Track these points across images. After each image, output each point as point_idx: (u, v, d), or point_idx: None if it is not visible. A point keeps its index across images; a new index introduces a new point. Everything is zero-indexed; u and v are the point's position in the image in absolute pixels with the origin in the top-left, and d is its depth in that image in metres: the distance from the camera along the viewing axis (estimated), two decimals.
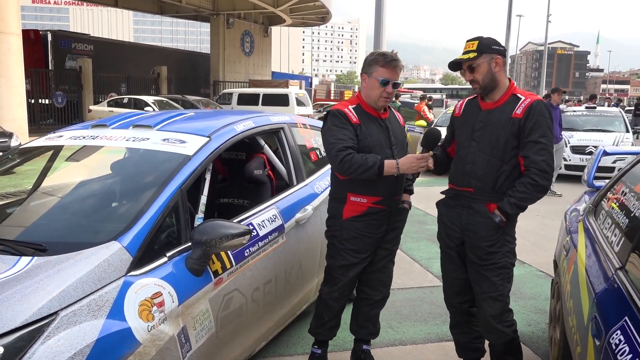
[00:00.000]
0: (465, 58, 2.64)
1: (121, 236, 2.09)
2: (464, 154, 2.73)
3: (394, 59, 2.83)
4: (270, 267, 2.85)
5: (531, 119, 2.57)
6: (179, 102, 19.77)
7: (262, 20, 34.13)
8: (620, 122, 11.92)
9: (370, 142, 2.81)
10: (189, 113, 3.25)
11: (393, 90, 2.83)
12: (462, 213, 2.73)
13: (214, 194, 3.40)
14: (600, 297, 2.01)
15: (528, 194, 2.56)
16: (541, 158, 2.54)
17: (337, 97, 36.51)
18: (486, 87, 2.65)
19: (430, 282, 4.77)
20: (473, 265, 2.73)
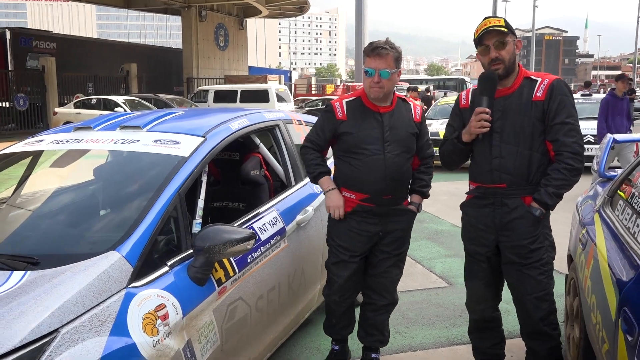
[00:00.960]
0: (502, 29, 2.56)
1: (120, 245, 2.06)
2: (487, 147, 2.66)
3: (377, 47, 2.84)
4: (273, 274, 2.84)
5: (555, 99, 2.54)
6: (151, 101, 19.61)
7: (236, 12, 34.02)
8: None
9: (358, 137, 2.88)
10: (178, 112, 3.22)
11: (382, 79, 2.81)
12: (496, 212, 2.67)
13: (206, 198, 3.37)
14: (629, 291, 2.04)
15: (565, 180, 2.53)
16: (572, 140, 2.53)
17: (319, 92, 36.54)
18: (508, 69, 2.61)
19: (434, 283, 4.80)
20: (514, 266, 2.67)
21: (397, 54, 2.87)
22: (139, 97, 20.25)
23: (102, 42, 35.20)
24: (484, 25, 2.62)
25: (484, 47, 2.62)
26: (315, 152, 3.03)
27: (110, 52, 29.87)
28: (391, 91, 2.92)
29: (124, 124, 2.87)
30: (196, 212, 2.49)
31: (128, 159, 2.76)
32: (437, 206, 7.62)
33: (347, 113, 2.94)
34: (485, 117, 2.59)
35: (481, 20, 2.69)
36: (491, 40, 2.59)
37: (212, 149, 2.67)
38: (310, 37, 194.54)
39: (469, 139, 2.68)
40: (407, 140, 2.94)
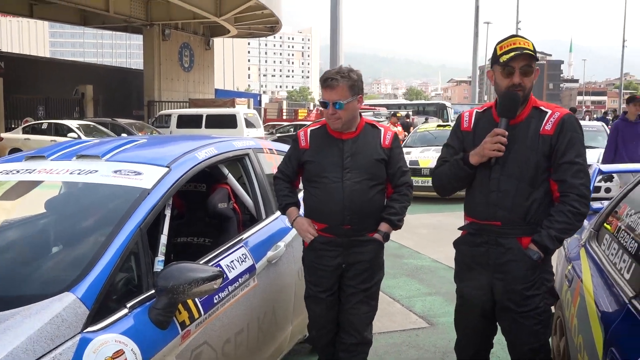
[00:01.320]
0: (532, 53, 2.50)
1: (75, 286, 2.04)
2: (486, 179, 2.60)
3: (327, 78, 2.96)
4: (241, 315, 2.83)
5: (565, 135, 2.50)
6: (108, 126, 19.45)
7: (203, 31, 34.25)
8: (603, 137, 12.46)
9: (318, 165, 3.03)
10: (140, 140, 3.23)
11: (337, 110, 2.92)
12: (490, 252, 2.60)
13: (169, 233, 3.37)
14: (616, 330, 2.10)
15: (569, 223, 2.49)
16: (580, 181, 2.48)
17: (291, 117, 36.78)
18: (526, 97, 2.57)
19: (414, 323, 4.82)
20: (508, 312, 2.61)
21: (351, 81, 2.94)
22: (94, 121, 20.06)
23: (55, 61, 35.02)
24: (513, 44, 2.54)
25: (509, 69, 2.54)
26: (285, 182, 3.19)
27: (63, 73, 29.68)
28: (352, 118, 3.01)
29: (80, 153, 2.87)
30: (159, 248, 2.49)
31: (85, 191, 2.75)
32: (417, 240, 7.69)
33: (310, 141, 3.10)
34: (503, 140, 2.51)
35: (507, 37, 2.62)
36: (519, 64, 2.52)
37: (177, 180, 2.68)
38: (282, 58, 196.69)
39: (478, 161, 2.59)
40: (371, 167, 3.00)
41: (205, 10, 27.77)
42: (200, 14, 28.08)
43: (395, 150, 3.07)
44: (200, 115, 21.59)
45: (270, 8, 29.09)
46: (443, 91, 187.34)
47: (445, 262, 6.52)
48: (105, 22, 30.88)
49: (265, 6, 28.43)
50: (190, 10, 27.37)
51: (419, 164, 11.39)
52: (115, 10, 27.11)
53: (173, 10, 28.64)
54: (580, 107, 64.92)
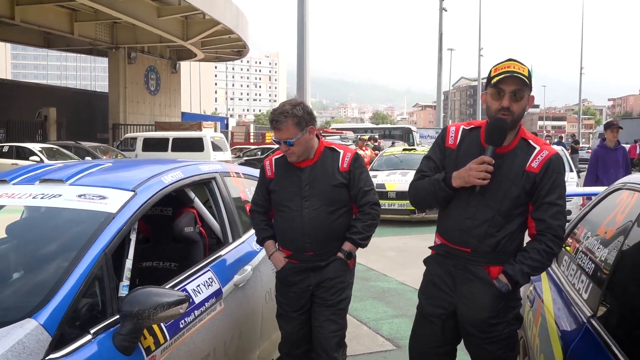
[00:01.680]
0: (524, 80, 2.46)
1: (37, 312, 2.01)
2: (463, 205, 2.56)
3: (272, 119, 3.06)
4: (208, 340, 2.81)
5: (550, 176, 2.48)
6: (72, 149, 19.18)
7: (169, 55, 34.21)
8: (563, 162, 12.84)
9: (280, 194, 3.14)
10: (105, 164, 3.21)
11: (289, 147, 3.02)
12: (457, 276, 2.59)
13: (134, 257, 3.34)
14: (575, 349, 2.16)
15: (542, 262, 2.49)
16: (558, 223, 2.48)
17: (258, 140, 36.78)
18: (515, 122, 2.52)
19: (381, 346, 4.84)
20: (472, 338, 2.61)
21: (295, 118, 2.99)
22: (57, 144, 19.75)
23: (16, 83, 34.41)
24: (507, 67, 2.49)
25: (498, 91, 2.49)
26: (260, 215, 3.27)
27: (26, 95, 29.21)
28: (306, 149, 3.08)
29: (44, 177, 2.83)
30: (123, 273, 2.46)
31: (48, 216, 2.71)
32: (384, 263, 7.73)
33: (274, 170, 3.20)
34: (489, 169, 2.45)
35: (503, 60, 2.56)
36: (509, 87, 2.47)
37: (142, 204, 2.67)
38: (249, 82, 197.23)
39: (461, 185, 2.52)
40: (329, 193, 3.06)
41: (172, 34, 27.78)
42: (166, 37, 28.07)
43: (355, 172, 3.10)
44: (166, 139, 21.44)
45: (237, 33, 29.27)
46: (409, 115, 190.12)
47: (412, 285, 6.56)
48: (69, 45, 30.59)
49: (232, 31, 28.59)
50: (156, 33, 27.35)
51: (385, 187, 11.48)
52: (80, 33, 26.90)
53: (139, 33, 28.56)
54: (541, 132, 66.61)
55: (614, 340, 1.92)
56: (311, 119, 3.08)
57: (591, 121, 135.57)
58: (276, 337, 3.66)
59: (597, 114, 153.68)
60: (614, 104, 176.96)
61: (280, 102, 3.14)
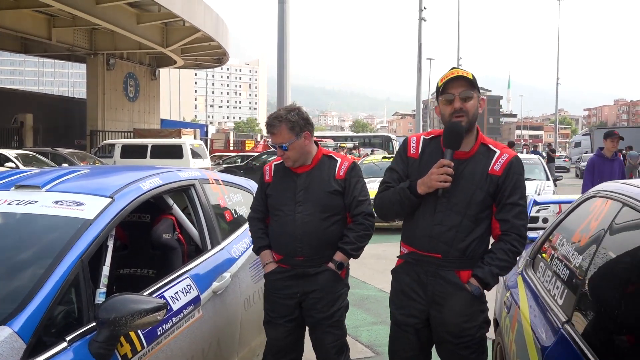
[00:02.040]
0: (471, 79, 2.57)
1: (12, 319, 1.98)
2: (430, 211, 2.61)
3: (267, 123, 3.11)
4: (185, 347, 2.79)
5: (511, 178, 2.57)
6: (48, 156, 18.90)
7: (149, 61, 34.03)
8: (540, 170, 13.03)
9: (275, 198, 3.17)
10: (83, 170, 3.18)
11: (285, 152, 3.06)
12: (429, 283, 2.62)
13: (111, 264, 3.31)
14: (550, 354, 2.19)
15: (509, 262, 2.57)
16: (521, 222, 2.58)
17: (238, 148, 36.68)
18: (471, 124, 2.60)
19: (361, 352, 4.84)
20: (446, 344, 2.64)
21: (289, 123, 3.04)
22: (34, 151, 19.45)
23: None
24: (451, 74, 2.61)
25: (448, 96, 2.58)
26: (258, 222, 3.27)
27: (1, 101, 28.79)
28: (302, 155, 3.10)
29: (20, 183, 2.80)
30: (100, 280, 2.44)
31: (23, 222, 2.68)
32: (363, 270, 7.75)
33: (273, 175, 3.22)
34: (449, 171, 2.52)
35: (447, 70, 2.69)
36: (457, 90, 2.57)
37: (120, 211, 2.65)
38: (229, 89, 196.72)
39: (425, 191, 2.57)
40: (323, 200, 3.07)
41: (151, 41, 27.64)
42: (146, 44, 27.94)
43: (351, 180, 3.12)
44: (145, 146, 21.30)
45: (217, 40, 29.23)
46: (388, 124, 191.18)
47: None
48: (47, 50, 30.30)
49: (213, 38, 28.55)
50: (135, 40, 27.19)
51: None
52: (58, 39, 26.64)
53: (118, 39, 28.37)
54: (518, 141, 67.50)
55: (587, 345, 1.96)
56: (306, 125, 3.10)
57: (567, 131, 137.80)
58: (255, 344, 3.66)
59: (573, 124, 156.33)
60: (589, 113, 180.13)
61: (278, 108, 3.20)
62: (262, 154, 22.00)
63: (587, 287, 2.20)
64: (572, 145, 53.75)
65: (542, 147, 52.73)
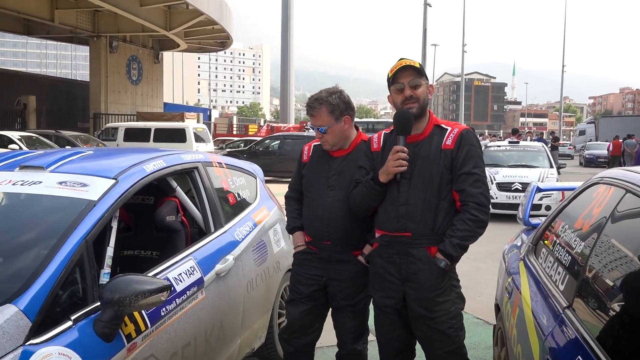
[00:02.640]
0: (418, 67, 2.74)
1: (17, 298, 2.00)
2: (395, 194, 2.76)
3: (307, 105, 3.10)
4: (189, 328, 2.82)
5: (462, 149, 2.71)
6: (51, 138, 18.93)
7: (152, 44, 33.87)
8: (543, 157, 13.01)
9: (308, 179, 3.18)
10: (87, 152, 3.19)
11: (324, 135, 3.04)
12: (401, 262, 2.75)
13: (115, 246, 3.33)
14: (551, 339, 2.21)
15: (470, 231, 2.66)
16: (478, 190, 2.68)
17: (241, 132, 36.65)
18: (422, 110, 2.77)
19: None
20: (421, 319, 2.76)
21: (330, 106, 3.02)
22: (37, 133, 19.47)
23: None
24: (399, 64, 2.78)
25: (399, 85, 2.76)
26: (294, 201, 3.29)
27: (4, 83, 28.75)
28: (341, 139, 3.07)
29: (24, 164, 2.81)
30: (104, 261, 2.46)
31: (27, 203, 2.69)
32: None
33: (310, 155, 3.22)
34: (403, 156, 2.70)
35: (396, 61, 2.85)
36: (406, 79, 2.75)
37: (124, 193, 2.67)
38: (233, 73, 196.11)
39: (386, 179, 2.75)
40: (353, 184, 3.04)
41: (155, 24, 27.50)
42: (149, 27, 27.78)
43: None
44: (148, 129, 21.30)
45: (221, 24, 29.06)
46: (392, 110, 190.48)
47: None
48: (50, 32, 30.15)
49: (216, 21, 28.38)
50: (139, 23, 27.03)
51: None
52: (61, 20, 26.49)
53: (121, 22, 28.22)
54: (522, 128, 67.36)
55: (588, 330, 1.97)
56: (347, 109, 3.07)
57: (572, 119, 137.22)
58: (257, 326, 3.69)
59: (577, 112, 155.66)
60: (594, 102, 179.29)
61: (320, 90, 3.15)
62: (265, 139, 21.95)
63: (589, 273, 2.22)
64: (577, 134, 53.62)
65: (546, 135, 52.55)
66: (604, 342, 1.84)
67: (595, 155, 33.06)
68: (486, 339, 4.82)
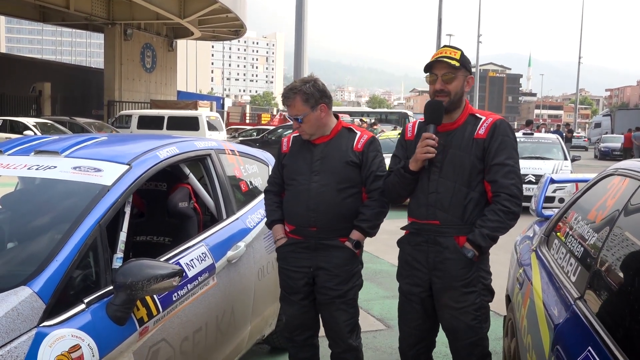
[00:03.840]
0: (453, 63, 2.70)
1: (31, 280, 2.04)
2: (425, 182, 2.75)
3: (282, 95, 3.05)
4: (200, 313, 2.84)
5: (496, 139, 2.68)
6: (66, 125, 19.11)
7: (166, 32, 33.91)
8: (558, 149, 12.90)
9: (290, 168, 3.13)
10: (101, 137, 3.21)
11: (300, 124, 2.99)
12: (429, 250, 2.74)
13: (128, 231, 3.36)
14: (561, 329, 2.20)
15: (501, 222, 2.63)
16: (510, 182, 2.64)
17: (254, 121, 36.69)
18: (453, 103, 2.74)
19: (372, 325, 4.89)
20: (446, 309, 2.75)
21: (304, 95, 2.96)
22: (52, 119, 19.66)
23: (10, 57, 34.11)
24: (439, 53, 2.75)
25: (432, 77, 2.75)
26: (273, 196, 3.23)
27: (20, 69, 29.01)
28: (318, 127, 3.03)
29: (39, 149, 2.84)
30: (117, 245, 2.49)
31: (42, 187, 2.73)
32: (377, 245, 7.77)
33: (290, 146, 3.18)
34: (431, 143, 2.67)
35: (441, 47, 2.82)
36: (440, 71, 2.72)
37: (137, 178, 2.69)
38: (246, 62, 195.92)
39: (416, 167, 2.73)
40: (341, 170, 3.00)
41: (169, 11, 27.51)
42: (163, 14, 27.80)
43: (370, 155, 3.04)
44: (161, 117, 21.39)
45: (235, 12, 29.02)
46: (405, 100, 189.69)
47: None
48: (65, 20, 30.27)
49: (230, 10, 28.35)
50: (153, 10, 27.07)
51: None
52: (76, 7, 26.59)
53: (136, 9, 28.27)
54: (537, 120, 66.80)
55: (599, 322, 1.96)
56: (322, 97, 3.01)
57: (588, 111, 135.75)
58: (268, 313, 3.71)
59: (593, 104, 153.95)
60: (611, 94, 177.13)
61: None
62: (278, 128, 21.98)
63: (601, 264, 2.20)
64: (592, 126, 53.06)
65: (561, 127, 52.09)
66: (615, 334, 1.84)
67: (611, 148, 32.74)
68: (496, 329, 4.81)
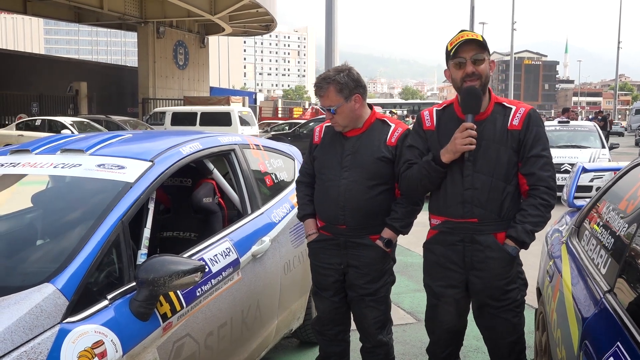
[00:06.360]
0: (483, 41, 2.55)
1: (55, 277, 2.06)
2: (458, 177, 2.60)
3: (314, 85, 2.96)
4: (225, 308, 2.85)
5: (531, 130, 2.56)
6: (102, 123, 19.46)
7: (197, 29, 34.22)
8: (595, 137, 12.55)
9: (320, 161, 3.06)
10: (125, 135, 3.25)
11: (333, 115, 2.90)
12: (466, 250, 2.62)
13: (155, 227, 3.39)
14: (590, 324, 2.13)
15: (541, 216, 2.54)
16: (547, 174, 2.55)
17: (286, 115, 36.79)
18: (484, 87, 2.59)
19: (402, 319, 4.85)
20: (486, 308, 2.66)
21: (338, 85, 2.85)
22: (88, 118, 20.05)
23: (48, 58, 34.93)
24: (461, 37, 2.57)
25: (460, 60, 2.56)
26: (305, 187, 3.16)
27: (58, 70, 29.65)
28: (352, 119, 2.93)
29: (65, 147, 2.88)
30: (141, 242, 2.51)
31: (68, 185, 2.77)
32: (408, 238, 7.64)
33: (322, 137, 3.10)
34: (473, 134, 2.52)
35: (456, 33, 2.64)
36: (469, 54, 2.55)
37: (160, 175, 2.70)
38: (278, 57, 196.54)
39: (451, 159, 2.57)
40: (371, 166, 2.89)
41: (200, 9, 27.75)
42: (194, 11, 28.06)
43: (404, 149, 2.87)
44: (194, 113, 21.63)
45: (265, 7, 29.09)
46: (439, 91, 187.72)
47: None
48: (99, 20, 30.84)
49: (260, 5, 28.43)
50: (184, 8, 27.34)
51: None
52: (110, 7, 27.06)
53: (167, 8, 28.61)
54: (575, 108, 65.29)
55: (629, 316, 1.89)
56: (357, 87, 2.90)
57: (628, 97, 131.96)
58: (295, 307, 3.71)
59: (634, 90, 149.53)
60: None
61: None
62: (309, 121, 22.00)
63: (632, 256, 2.12)
64: (633, 112, 51.61)
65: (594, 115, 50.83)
66: None
67: None
68: (529, 323, 4.71)
